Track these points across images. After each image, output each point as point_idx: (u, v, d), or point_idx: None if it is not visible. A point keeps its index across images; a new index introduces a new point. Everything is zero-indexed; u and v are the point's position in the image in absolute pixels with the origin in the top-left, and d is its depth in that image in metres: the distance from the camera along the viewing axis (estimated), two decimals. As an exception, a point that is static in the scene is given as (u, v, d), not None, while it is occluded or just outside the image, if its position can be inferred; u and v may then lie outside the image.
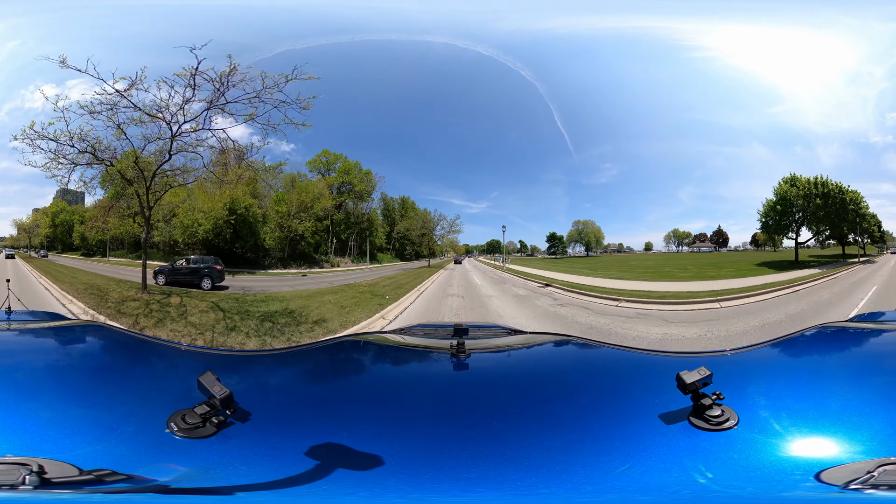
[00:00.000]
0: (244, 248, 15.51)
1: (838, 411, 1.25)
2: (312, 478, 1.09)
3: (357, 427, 1.33)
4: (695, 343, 8.02)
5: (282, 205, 16.66)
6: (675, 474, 1.09)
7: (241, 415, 1.29)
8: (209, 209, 14.63)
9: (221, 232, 14.57)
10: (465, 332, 2.01)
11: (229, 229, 14.70)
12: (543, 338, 2.46)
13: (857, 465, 1.05)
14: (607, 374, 1.86)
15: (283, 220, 16.45)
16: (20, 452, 1.07)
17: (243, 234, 15.15)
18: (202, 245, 14.80)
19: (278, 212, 16.53)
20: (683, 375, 1.25)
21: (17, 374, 1.53)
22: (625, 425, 1.30)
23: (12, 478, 0.99)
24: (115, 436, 1.21)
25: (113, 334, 2.28)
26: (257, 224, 15.83)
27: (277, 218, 16.36)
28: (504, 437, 1.26)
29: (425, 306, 12.08)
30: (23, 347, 1.96)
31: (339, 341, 2.50)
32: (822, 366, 1.71)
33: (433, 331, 2.44)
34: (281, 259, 16.82)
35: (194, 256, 13.28)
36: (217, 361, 1.99)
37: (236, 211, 14.79)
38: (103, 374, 1.71)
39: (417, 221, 20.86)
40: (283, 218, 16.46)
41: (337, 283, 14.74)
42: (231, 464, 1.14)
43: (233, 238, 14.99)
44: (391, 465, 1.14)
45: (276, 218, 16.31)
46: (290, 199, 17.01)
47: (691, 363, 1.38)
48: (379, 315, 10.67)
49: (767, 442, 1.16)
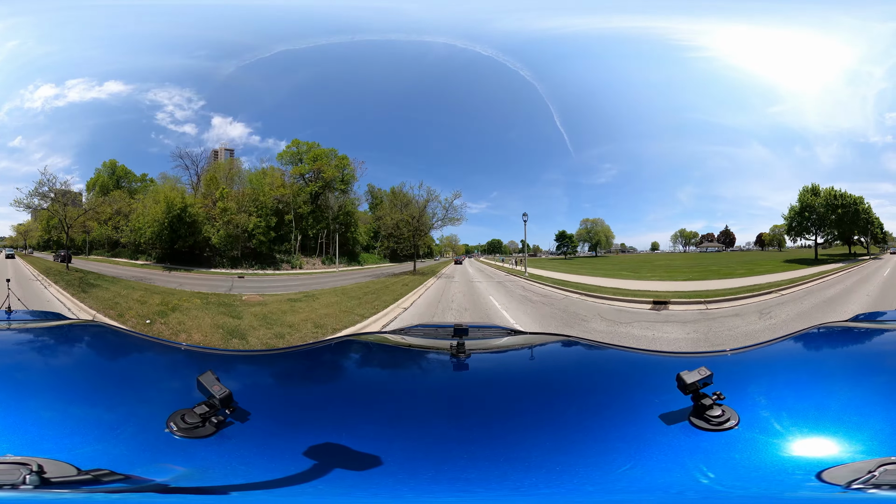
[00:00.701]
0: (184, 246, 16.12)
1: (839, 411, 1.25)
2: (310, 478, 1.09)
3: (356, 427, 1.33)
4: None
5: (227, 200, 16.35)
6: (678, 474, 1.09)
7: (241, 415, 1.28)
8: (150, 212, 15.84)
9: (161, 232, 15.62)
10: (465, 333, 2.01)
11: (166, 230, 15.61)
12: (543, 338, 2.45)
13: (858, 464, 1.05)
14: (607, 374, 1.86)
15: (231, 216, 16.26)
16: (20, 452, 1.07)
17: (182, 233, 15.86)
18: (151, 244, 16.19)
19: (224, 208, 16.28)
20: (684, 375, 1.25)
21: (18, 374, 1.53)
22: (626, 425, 1.30)
23: (13, 477, 0.99)
24: (115, 435, 1.21)
25: (113, 334, 2.28)
26: (199, 223, 16.13)
27: (224, 215, 16.23)
28: (504, 438, 1.25)
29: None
30: (23, 347, 1.96)
31: (338, 341, 2.50)
32: (822, 365, 1.71)
33: (433, 331, 2.43)
34: (234, 258, 16.66)
35: (63, 251, 16.09)
36: (217, 361, 1.99)
37: (172, 211, 15.59)
38: (103, 374, 1.71)
39: (397, 210, 17.58)
40: (230, 214, 16.25)
41: (259, 291, 13.06)
42: (229, 463, 1.14)
43: (172, 238, 15.80)
44: (390, 465, 1.14)
45: (223, 215, 16.23)
46: (238, 194, 16.56)
47: (691, 363, 1.38)
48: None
49: (768, 442, 1.16)
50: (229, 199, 16.43)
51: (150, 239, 16.09)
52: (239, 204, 16.45)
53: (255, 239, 16.39)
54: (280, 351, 2.69)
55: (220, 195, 16.38)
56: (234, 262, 16.63)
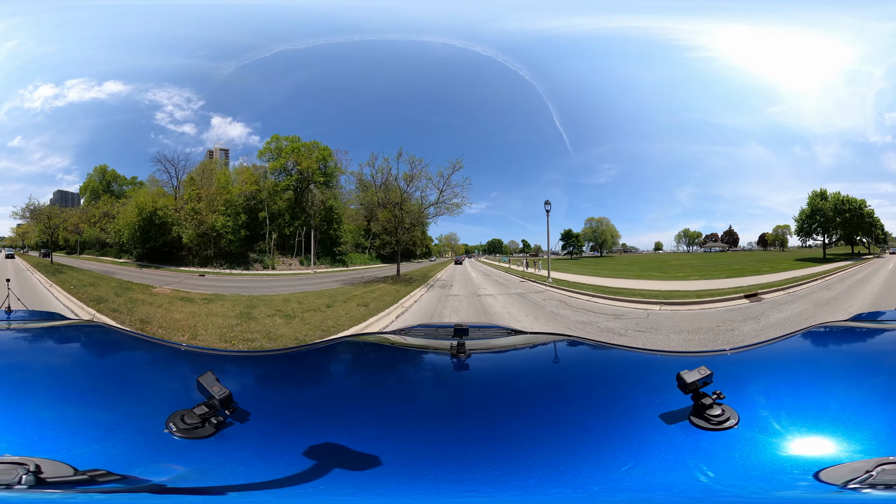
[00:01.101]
0: (156, 246, 17.10)
1: (837, 411, 1.25)
2: (310, 478, 1.09)
3: (357, 428, 1.32)
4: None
5: (197, 201, 16.58)
6: (679, 474, 1.09)
7: (241, 415, 1.28)
8: (128, 214, 16.90)
9: (134, 234, 17.04)
10: (466, 333, 2.01)
11: (138, 232, 16.90)
12: (544, 338, 2.45)
13: (856, 464, 1.05)
14: (607, 373, 1.85)
15: (200, 216, 16.54)
16: (18, 452, 1.07)
17: (152, 234, 16.86)
18: (131, 244, 17.47)
19: (193, 209, 16.53)
20: (684, 375, 1.25)
21: (17, 374, 1.53)
22: (626, 425, 1.30)
23: (9, 477, 0.99)
24: (114, 436, 1.20)
25: (113, 334, 2.28)
26: (168, 224, 16.79)
27: (193, 215, 16.57)
28: (506, 438, 1.25)
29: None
30: (22, 347, 1.96)
31: (339, 342, 2.50)
32: (821, 365, 1.71)
33: (433, 331, 2.43)
34: (206, 257, 16.84)
35: (44, 249, 18.56)
36: (217, 362, 1.99)
37: (142, 214, 16.59)
38: (103, 374, 1.71)
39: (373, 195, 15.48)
40: (200, 214, 16.54)
41: (213, 291, 13.14)
42: (229, 464, 1.14)
43: (144, 238, 16.93)
44: (391, 465, 1.14)
45: (192, 215, 16.61)
46: (208, 193, 16.63)
47: (691, 363, 1.38)
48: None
49: (767, 441, 1.16)
50: (200, 199, 16.79)
51: (129, 239, 17.13)
52: (209, 204, 16.68)
53: (223, 238, 16.68)
54: (280, 352, 2.69)
55: (189, 196, 16.83)
56: (205, 262, 17.04)
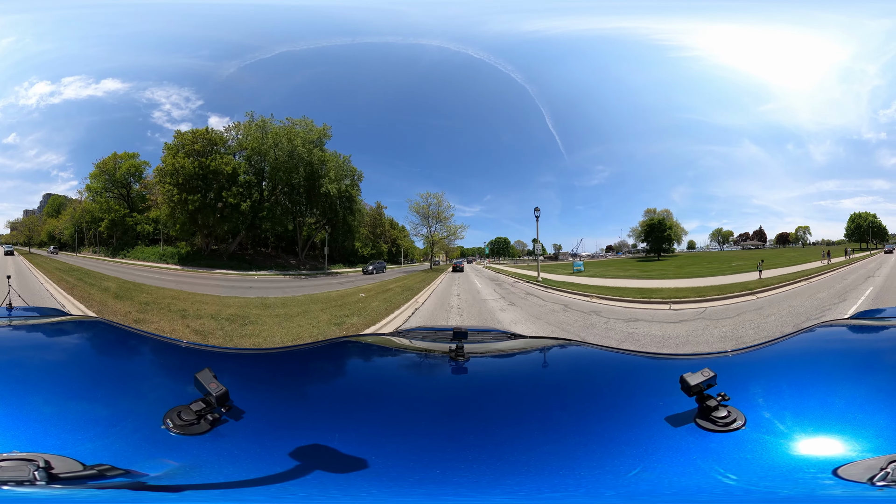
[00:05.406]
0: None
1: (843, 409, 1.25)
2: (299, 476, 1.09)
3: (350, 428, 1.32)
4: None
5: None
6: (694, 477, 1.08)
7: (236, 413, 1.28)
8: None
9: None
10: (465, 336, 1.99)
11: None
12: (543, 342, 2.44)
13: (869, 461, 1.04)
14: (608, 377, 1.84)
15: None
16: (24, 448, 1.07)
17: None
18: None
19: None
20: (687, 377, 1.24)
21: (18, 371, 1.52)
22: (630, 428, 1.28)
23: (21, 473, 0.99)
24: (115, 431, 1.20)
25: (113, 330, 2.27)
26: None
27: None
28: (500, 442, 1.24)
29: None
30: (24, 343, 1.95)
31: (337, 342, 2.49)
32: (824, 364, 1.69)
33: (432, 334, 2.42)
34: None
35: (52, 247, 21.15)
36: (216, 359, 1.98)
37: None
38: (104, 370, 1.70)
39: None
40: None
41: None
42: (223, 461, 1.14)
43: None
44: (379, 467, 1.14)
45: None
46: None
47: (693, 365, 1.37)
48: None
49: (777, 441, 1.15)
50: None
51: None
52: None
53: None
54: (278, 350, 2.67)
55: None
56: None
